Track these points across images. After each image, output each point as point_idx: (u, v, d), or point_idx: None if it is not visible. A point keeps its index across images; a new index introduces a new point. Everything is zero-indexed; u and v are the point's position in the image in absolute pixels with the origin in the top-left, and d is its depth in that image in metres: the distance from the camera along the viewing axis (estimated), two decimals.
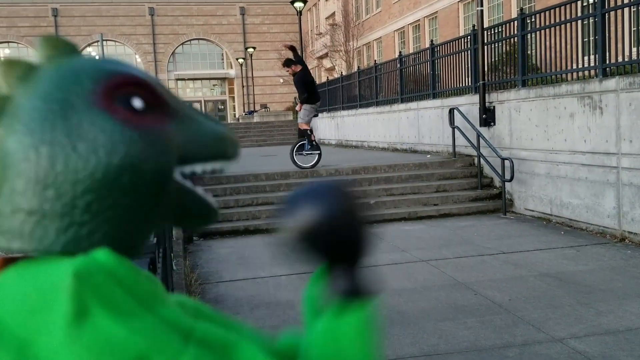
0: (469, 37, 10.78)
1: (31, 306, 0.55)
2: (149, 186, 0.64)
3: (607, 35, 7.38)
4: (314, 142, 10.82)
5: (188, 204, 0.71)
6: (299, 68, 10.92)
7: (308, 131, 10.89)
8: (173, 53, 46.70)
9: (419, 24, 26.30)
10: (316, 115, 11.26)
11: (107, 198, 0.62)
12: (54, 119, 0.61)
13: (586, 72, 7.97)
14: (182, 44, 47.03)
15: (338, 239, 0.71)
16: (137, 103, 0.66)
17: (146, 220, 0.67)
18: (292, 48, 11.16)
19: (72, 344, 0.52)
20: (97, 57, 0.71)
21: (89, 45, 42.71)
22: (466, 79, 10.98)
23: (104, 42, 27.44)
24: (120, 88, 0.65)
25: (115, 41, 44.66)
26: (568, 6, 8.16)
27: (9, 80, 0.64)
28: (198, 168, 0.72)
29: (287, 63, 10.96)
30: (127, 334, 0.53)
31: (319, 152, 10.80)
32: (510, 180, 8.65)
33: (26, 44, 41.89)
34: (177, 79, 46.86)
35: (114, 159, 0.62)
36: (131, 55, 45.22)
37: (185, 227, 0.78)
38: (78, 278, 0.55)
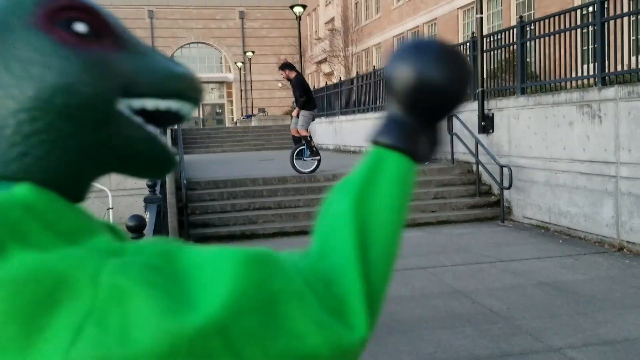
0: (468, 44, 10.79)
1: None
2: (86, 111, 0.61)
3: (606, 44, 7.39)
4: (314, 148, 10.98)
5: (135, 142, 0.66)
6: (293, 74, 10.99)
7: (308, 137, 10.96)
8: (172, 56, 46.64)
9: (418, 30, 26.35)
10: (313, 120, 11.34)
11: (40, 120, 0.59)
12: None
13: (585, 81, 7.97)
14: (181, 47, 47.08)
15: (440, 97, 0.68)
16: (80, 27, 0.63)
17: (85, 153, 0.62)
18: (285, 64, 11.37)
19: None
20: None
21: None
22: None
23: None
24: (63, 11, 0.62)
25: None
26: (567, 15, 8.18)
27: None
28: (149, 104, 0.67)
29: (283, 67, 11.12)
30: (43, 260, 0.50)
31: (318, 157, 10.93)
32: (509, 187, 8.64)
33: None
34: None
35: (48, 77, 0.59)
36: None
37: (135, 173, 0.71)
38: None
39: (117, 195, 10.65)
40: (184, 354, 0.49)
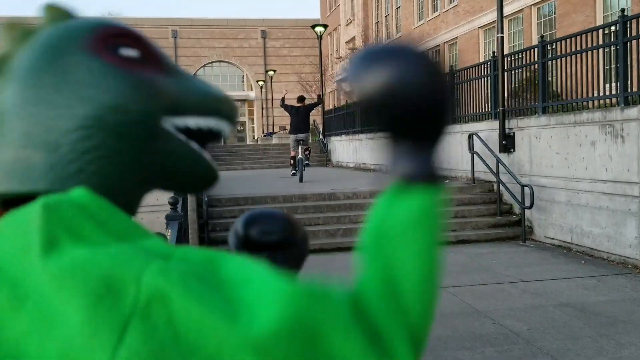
0: (489, 63, 10.78)
1: (20, 245, 0.54)
2: (135, 128, 0.65)
3: (628, 63, 7.34)
4: (291, 161, 14.57)
5: (180, 157, 0.70)
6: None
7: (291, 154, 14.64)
8: (195, 75, 47.23)
9: (438, 49, 26.38)
10: (292, 142, 14.30)
11: (93, 137, 0.63)
12: (41, 64, 0.64)
13: (607, 100, 7.92)
14: (204, 66, 47.62)
15: (412, 107, 0.60)
16: (129, 52, 0.68)
17: (135, 168, 0.66)
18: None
19: (43, 273, 0.51)
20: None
21: None
22: (486, 104, 10.95)
23: None
24: (114, 38, 0.67)
25: None
26: (589, 34, 8.15)
27: (10, 40, 0.68)
28: (191, 122, 0.71)
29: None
30: (91, 256, 0.52)
31: (293, 171, 14.32)
32: (530, 207, 8.57)
33: None
34: None
35: (100, 98, 0.63)
36: None
37: (180, 188, 0.75)
38: (45, 209, 0.55)
39: (138, 212, 10.78)
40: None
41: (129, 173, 0.66)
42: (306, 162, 13.95)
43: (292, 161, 14.51)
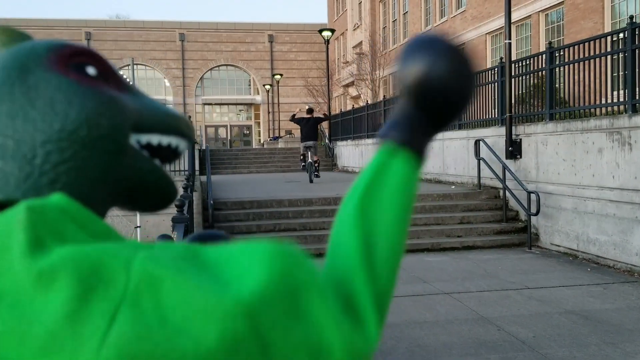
0: (496, 69, 10.77)
1: None
2: (106, 142, 0.68)
3: (637, 70, 7.32)
4: (303, 164, 15.39)
5: (144, 173, 0.73)
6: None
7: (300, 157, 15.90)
8: (201, 78, 47.41)
9: None
10: (303, 148, 15.20)
11: (67, 150, 0.66)
12: (12, 81, 0.67)
13: (615, 107, 7.90)
14: (211, 69, 47.74)
15: (442, 91, 0.69)
16: (90, 70, 0.71)
17: (104, 181, 0.69)
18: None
19: (26, 272, 0.51)
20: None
21: (120, 68, 43.55)
22: (493, 110, 10.94)
23: (135, 66, 28.00)
24: (74, 57, 0.71)
25: (145, 65, 45.55)
26: (598, 41, 8.13)
27: None
28: (154, 139, 0.75)
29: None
30: (79, 250, 0.53)
31: (304, 164, 15.27)
32: (536, 214, 8.54)
33: None
34: (204, 104, 47.52)
35: (71, 113, 0.66)
36: (160, 80, 46.06)
37: (141, 204, 0.76)
38: (30, 211, 0.56)
39: (144, 214, 10.80)
40: (216, 334, 0.51)
41: (98, 186, 0.68)
42: (315, 173, 14.94)
43: (301, 157, 15.63)
